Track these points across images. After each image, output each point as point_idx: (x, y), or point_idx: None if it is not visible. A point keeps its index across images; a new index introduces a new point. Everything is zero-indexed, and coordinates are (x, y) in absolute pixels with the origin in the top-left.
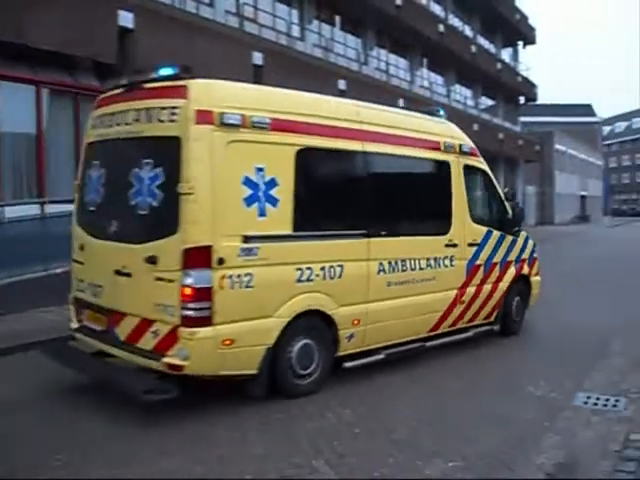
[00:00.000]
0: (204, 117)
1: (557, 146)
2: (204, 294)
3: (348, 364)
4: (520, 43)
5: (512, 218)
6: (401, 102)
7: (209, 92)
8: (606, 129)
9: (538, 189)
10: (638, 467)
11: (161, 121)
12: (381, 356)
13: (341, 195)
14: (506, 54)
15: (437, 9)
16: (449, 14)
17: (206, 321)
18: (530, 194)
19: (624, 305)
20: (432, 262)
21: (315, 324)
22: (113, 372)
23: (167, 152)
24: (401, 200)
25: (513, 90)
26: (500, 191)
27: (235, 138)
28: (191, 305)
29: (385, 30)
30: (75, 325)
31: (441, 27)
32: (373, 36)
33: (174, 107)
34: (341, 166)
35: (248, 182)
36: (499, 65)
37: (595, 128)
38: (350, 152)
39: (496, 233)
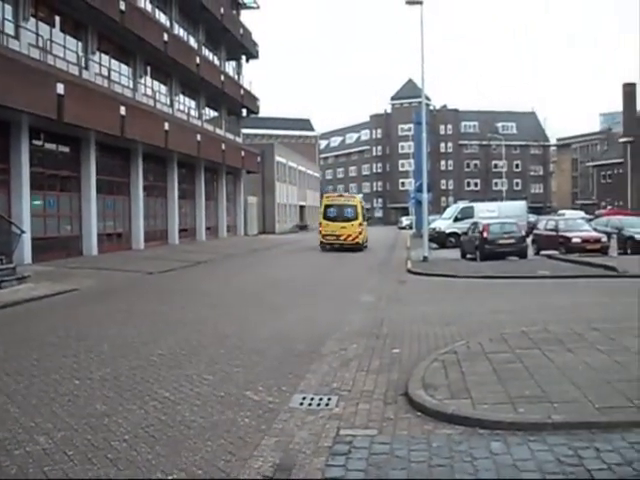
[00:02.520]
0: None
1: (278, 158)
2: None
3: None
4: (243, 57)
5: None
6: (122, 110)
7: None
8: (323, 143)
9: (260, 199)
10: (346, 461)
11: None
12: None
13: None
14: (230, 67)
15: (162, 18)
16: (174, 24)
17: None
18: (252, 204)
19: (340, 309)
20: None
21: None
22: None
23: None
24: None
25: (236, 102)
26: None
27: None
28: None
29: (108, 35)
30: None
31: (166, 36)
32: (95, 40)
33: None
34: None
35: None
36: (223, 77)
37: (313, 142)
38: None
39: (364, 224)
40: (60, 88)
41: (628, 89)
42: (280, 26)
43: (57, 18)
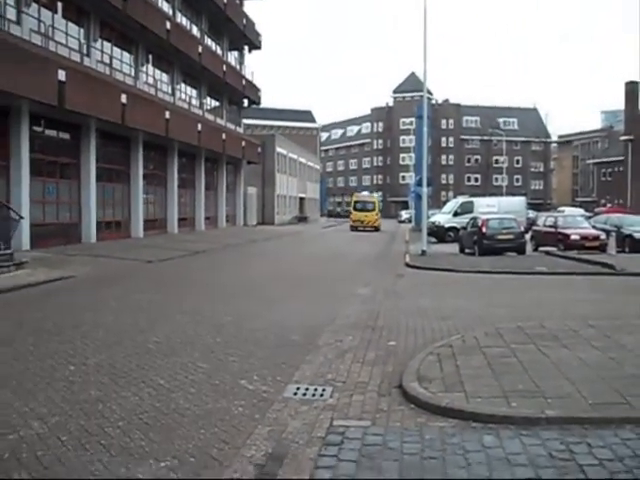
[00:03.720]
0: None
1: (278, 149)
2: None
3: None
4: (246, 47)
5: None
6: (124, 98)
7: None
8: (324, 135)
9: (259, 190)
10: (339, 451)
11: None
12: None
13: None
14: (232, 57)
15: (165, 6)
16: (177, 12)
17: None
18: (252, 195)
19: (337, 302)
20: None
21: None
22: None
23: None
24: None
25: (238, 92)
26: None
27: None
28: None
29: (110, 22)
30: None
31: (168, 24)
32: (97, 27)
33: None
34: None
35: None
36: (225, 67)
37: (314, 134)
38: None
39: (379, 214)
40: (61, 75)
41: (630, 87)
42: (284, 17)
43: (59, 4)
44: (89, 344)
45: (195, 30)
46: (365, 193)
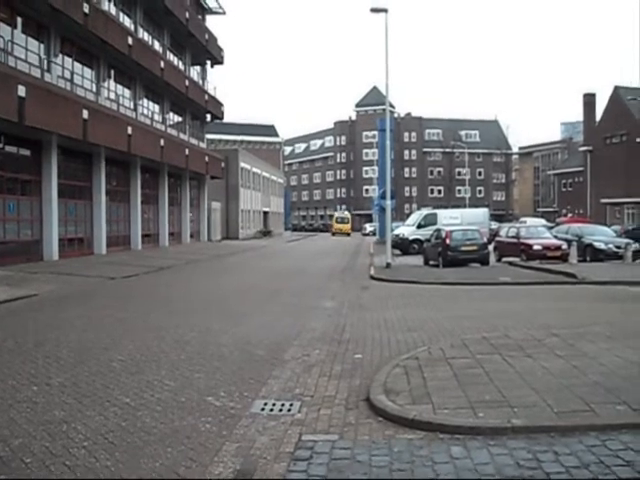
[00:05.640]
0: None
1: (242, 164)
2: None
3: None
4: (208, 62)
5: None
6: (85, 113)
7: None
8: (287, 149)
9: (224, 205)
10: (308, 466)
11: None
12: None
13: None
14: (195, 72)
15: (127, 21)
16: (139, 27)
17: None
18: (216, 209)
19: (303, 315)
20: None
21: None
22: None
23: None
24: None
25: (200, 107)
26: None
27: None
28: None
29: (71, 37)
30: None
31: (130, 40)
32: (58, 42)
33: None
34: None
35: None
36: (187, 82)
37: (277, 148)
38: None
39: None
40: (21, 90)
41: (588, 99)
42: (246, 32)
43: (19, 19)
44: (52, 363)
45: (157, 45)
46: (344, 213)
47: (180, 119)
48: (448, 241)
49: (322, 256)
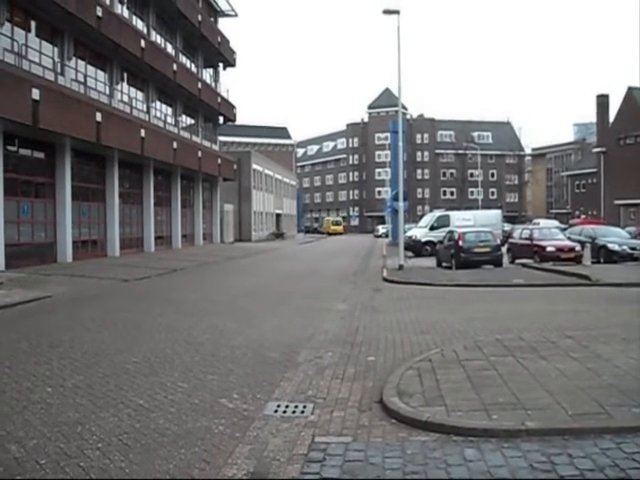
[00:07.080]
0: None
1: (254, 166)
2: None
3: None
4: (221, 65)
5: None
6: (98, 116)
7: None
8: (300, 151)
9: (236, 207)
10: (321, 468)
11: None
12: None
13: None
14: (207, 75)
15: (139, 24)
16: (151, 30)
17: None
18: (228, 212)
19: (316, 318)
20: None
21: None
22: None
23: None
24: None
25: (213, 110)
26: None
27: None
28: None
29: (84, 41)
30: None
31: (142, 42)
32: (72, 46)
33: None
34: None
35: None
36: (200, 84)
37: (290, 150)
38: None
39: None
40: (35, 94)
41: (601, 100)
42: (258, 34)
43: (33, 23)
44: (67, 365)
45: (170, 48)
46: (338, 217)
47: (193, 121)
48: (461, 243)
49: (335, 258)
